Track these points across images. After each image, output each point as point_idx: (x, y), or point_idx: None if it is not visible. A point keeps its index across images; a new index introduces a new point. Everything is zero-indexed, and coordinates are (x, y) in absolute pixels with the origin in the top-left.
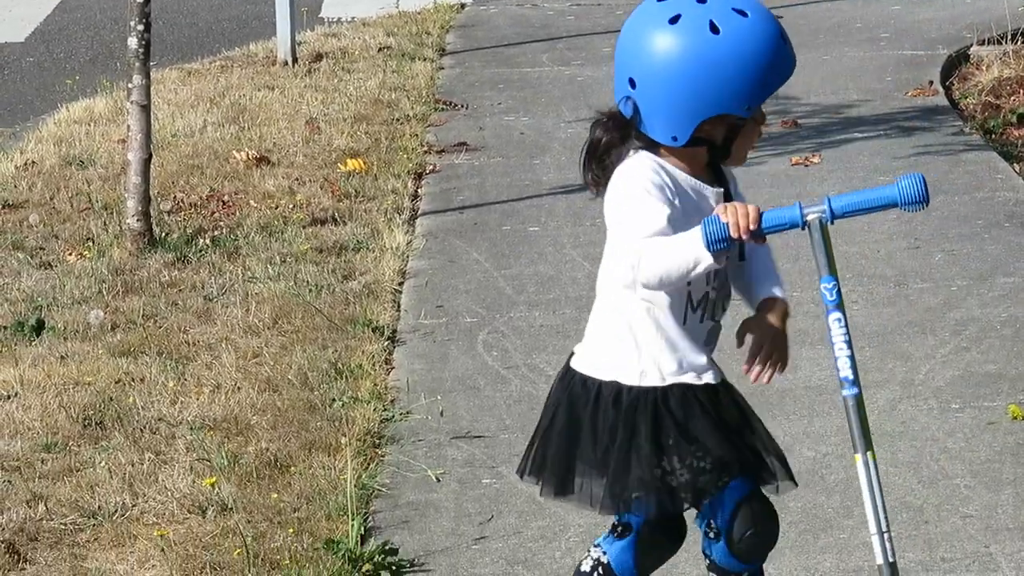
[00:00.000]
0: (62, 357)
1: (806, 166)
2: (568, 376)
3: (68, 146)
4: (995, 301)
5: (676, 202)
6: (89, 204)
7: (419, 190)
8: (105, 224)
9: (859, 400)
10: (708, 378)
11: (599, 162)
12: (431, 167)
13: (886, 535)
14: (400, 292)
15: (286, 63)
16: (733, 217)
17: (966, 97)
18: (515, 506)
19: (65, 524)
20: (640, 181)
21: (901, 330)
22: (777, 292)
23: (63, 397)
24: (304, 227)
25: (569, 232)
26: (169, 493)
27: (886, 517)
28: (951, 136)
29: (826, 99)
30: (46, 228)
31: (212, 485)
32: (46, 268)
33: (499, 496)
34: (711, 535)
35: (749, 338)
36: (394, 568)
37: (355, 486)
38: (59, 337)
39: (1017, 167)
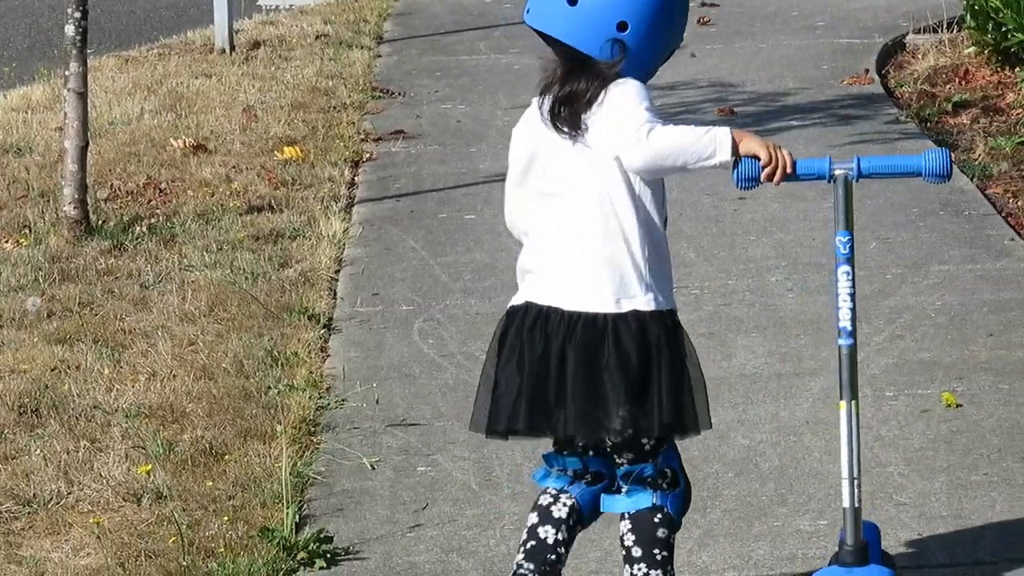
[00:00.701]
0: None
1: None
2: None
3: (5, 133)
4: (929, 289)
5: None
6: (26, 192)
7: (356, 178)
8: (42, 212)
9: (852, 351)
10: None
11: (573, 111)
12: (368, 155)
13: (856, 481)
14: (336, 280)
15: (223, 51)
16: (771, 160)
17: (902, 85)
18: (450, 494)
19: (0, 512)
20: (646, 91)
21: (835, 318)
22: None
23: None
24: (241, 215)
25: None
26: (104, 481)
27: (859, 465)
28: (887, 124)
29: (762, 87)
30: None
31: (147, 473)
32: None
33: (434, 484)
34: (664, 484)
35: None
36: (329, 556)
37: (290, 474)
38: None
39: (952, 155)
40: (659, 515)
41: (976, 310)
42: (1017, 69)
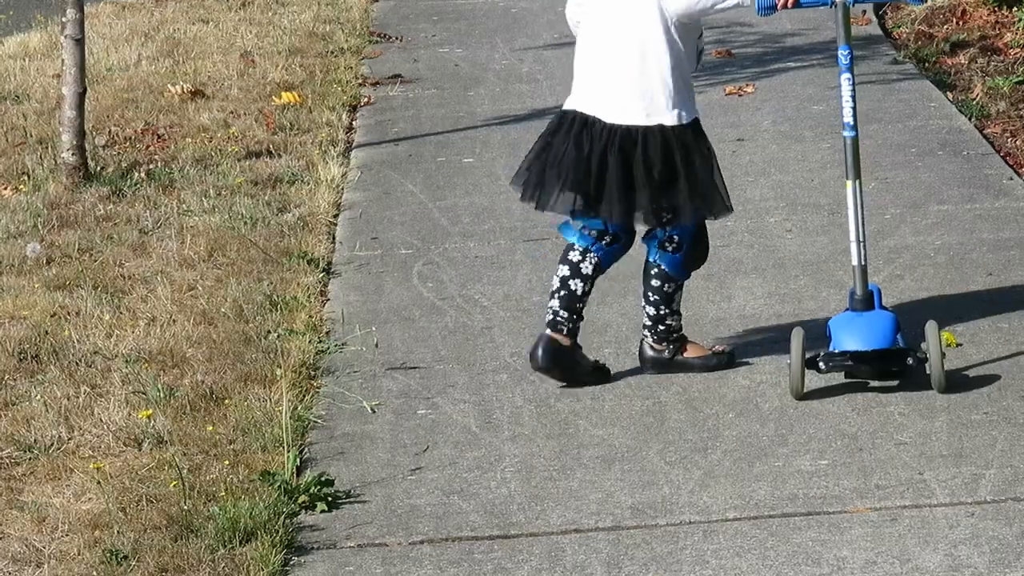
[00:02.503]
0: None
1: (740, 96)
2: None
3: (2, 81)
4: (928, 229)
5: None
6: (24, 139)
7: (354, 122)
8: (40, 158)
9: (855, 141)
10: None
11: None
12: (365, 99)
13: (862, 243)
14: (335, 224)
15: None
16: None
17: (899, 26)
18: (450, 437)
19: (1, 457)
20: None
21: (835, 258)
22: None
23: None
24: (239, 160)
25: (504, 163)
26: (105, 426)
27: (864, 229)
28: (885, 65)
29: (760, 29)
30: None
31: (148, 418)
32: None
33: (434, 427)
34: (669, 248)
35: None
36: (330, 499)
37: (290, 418)
38: None
39: (950, 95)
40: (655, 270)
41: (975, 249)
42: (1014, 9)
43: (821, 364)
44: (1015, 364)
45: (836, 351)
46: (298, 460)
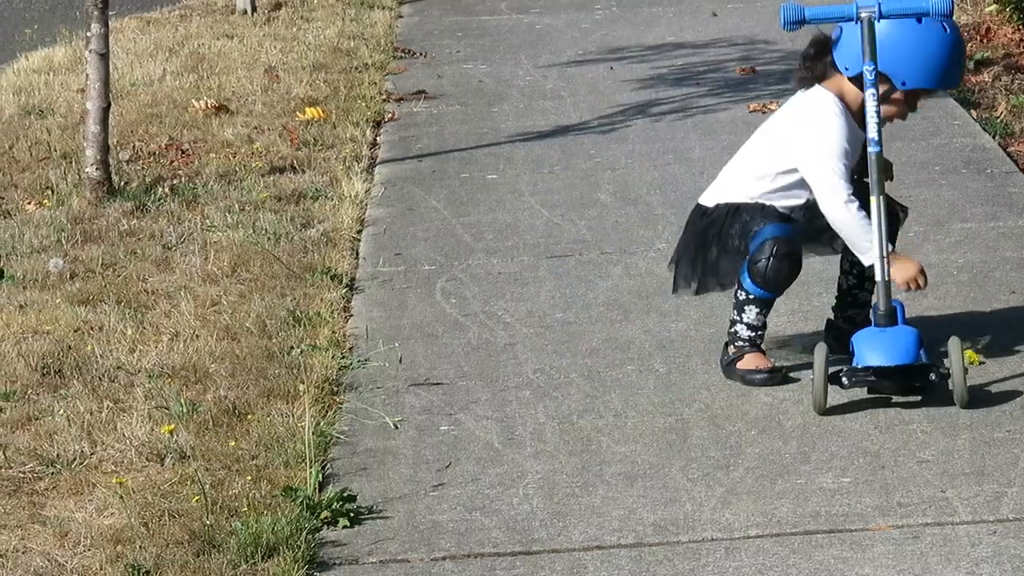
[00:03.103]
0: (21, 306)
1: (764, 113)
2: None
3: (27, 95)
4: (952, 247)
5: (853, 147)
6: (48, 153)
7: (377, 138)
8: (64, 173)
9: (879, 157)
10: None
11: (804, 62)
12: (389, 115)
13: (886, 260)
14: (358, 240)
15: (245, 12)
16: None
17: None
18: (473, 453)
19: (24, 472)
20: (835, 124)
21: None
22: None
23: (22, 346)
24: (263, 175)
25: (527, 179)
26: (127, 441)
27: (886, 245)
28: None
29: (784, 46)
30: (5, 177)
31: (170, 433)
32: (5, 217)
33: (457, 443)
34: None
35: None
36: (352, 515)
37: (313, 433)
38: (18, 286)
39: (974, 113)
40: (736, 280)
41: (998, 268)
42: None
43: (844, 379)
44: None
45: (859, 366)
46: (320, 476)
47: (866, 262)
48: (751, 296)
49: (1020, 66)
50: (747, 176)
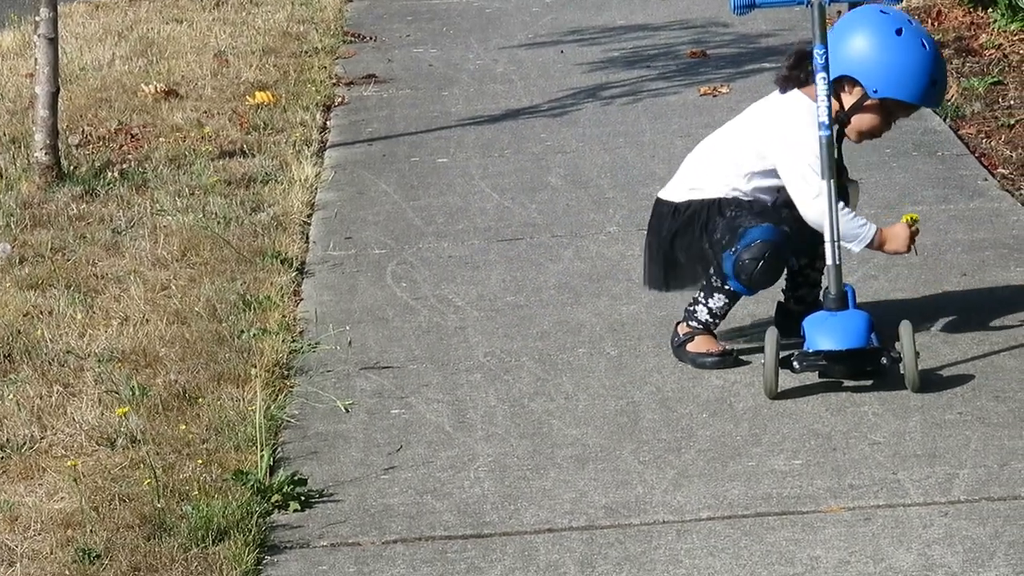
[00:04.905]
0: None
1: (714, 96)
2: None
3: None
4: None
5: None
6: None
7: (328, 122)
8: (13, 158)
9: (829, 140)
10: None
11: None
12: (340, 99)
13: (837, 244)
14: (309, 224)
15: None
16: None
17: None
18: (424, 436)
19: None
20: (808, 137)
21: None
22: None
23: None
24: (212, 160)
25: (478, 163)
26: (78, 425)
27: (838, 229)
28: None
29: (735, 29)
30: None
31: (123, 415)
32: None
33: (408, 426)
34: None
35: None
36: (303, 498)
37: (264, 417)
38: None
39: None
40: (715, 266)
41: (949, 250)
42: (989, 10)
43: (795, 363)
44: (989, 364)
45: (810, 350)
46: (271, 459)
47: (856, 249)
48: (726, 287)
49: (971, 49)
50: (721, 172)
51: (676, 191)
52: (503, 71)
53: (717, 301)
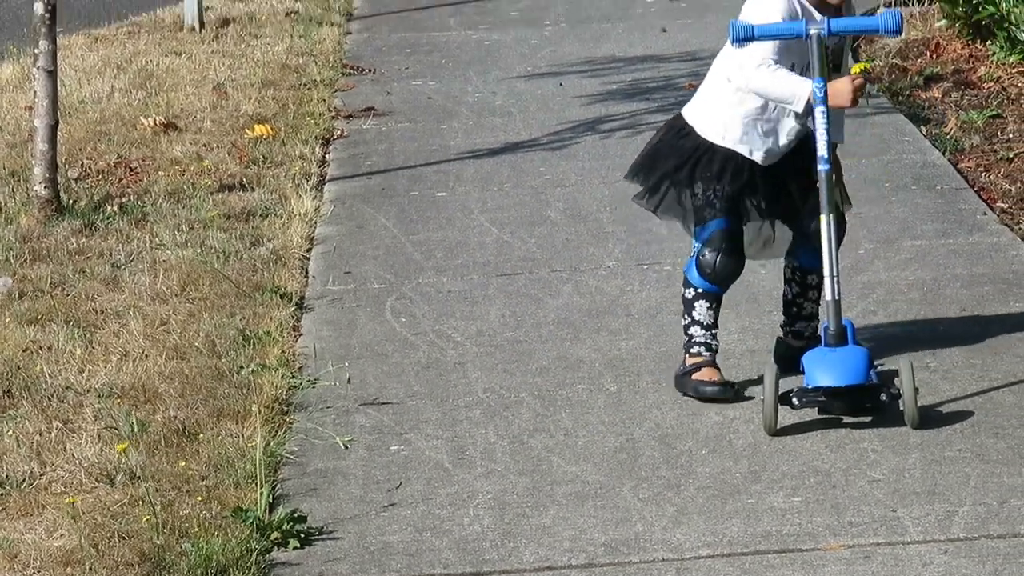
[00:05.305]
0: None
1: None
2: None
3: None
4: (902, 264)
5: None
6: None
7: (327, 155)
8: (12, 191)
9: (828, 175)
10: (756, 157)
11: None
12: (339, 132)
13: (836, 279)
14: (308, 258)
15: (193, 28)
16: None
17: (873, 59)
18: (423, 473)
19: None
20: (769, 5)
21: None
22: (837, 138)
23: None
24: (212, 193)
25: (477, 197)
26: (77, 462)
27: (837, 264)
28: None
29: None
30: None
31: (122, 451)
32: None
33: (407, 463)
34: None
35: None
36: (302, 536)
37: (263, 454)
38: None
39: (924, 130)
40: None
41: (949, 285)
42: (988, 42)
43: (794, 400)
44: (988, 400)
45: (809, 387)
46: (271, 496)
47: (798, 108)
48: (699, 290)
49: (970, 82)
50: (711, 87)
51: (689, 108)
52: (502, 104)
53: (700, 309)
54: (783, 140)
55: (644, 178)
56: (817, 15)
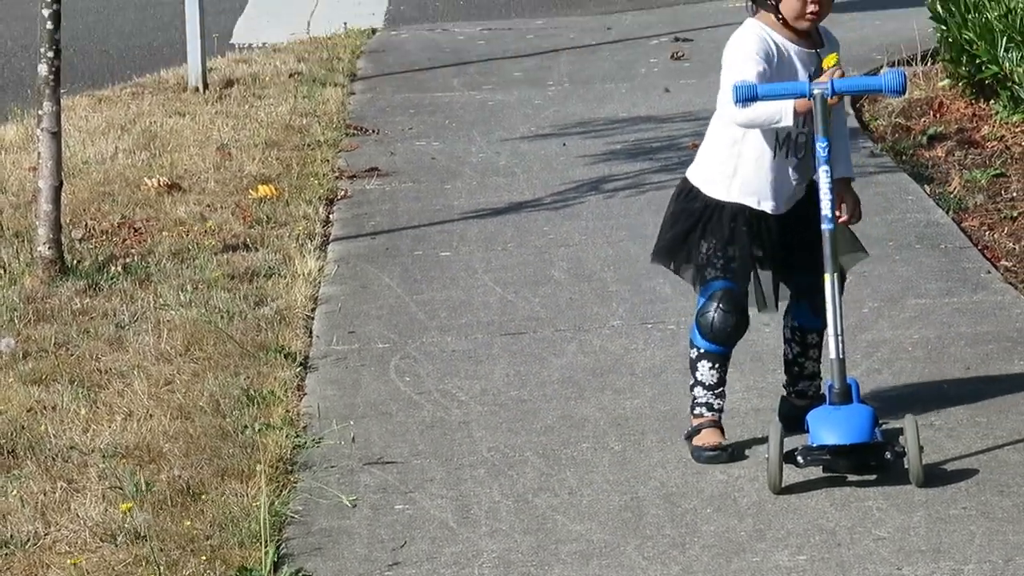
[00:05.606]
0: None
1: None
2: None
3: None
4: (906, 323)
5: (773, 60)
6: (0, 232)
7: (331, 216)
8: (16, 252)
9: (832, 234)
10: (766, 207)
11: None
12: (342, 192)
13: (840, 337)
14: (312, 318)
15: (197, 89)
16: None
17: (877, 119)
18: (428, 532)
19: None
20: (744, 45)
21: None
22: (848, 173)
23: None
24: (216, 254)
25: (481, 257)
26: (82, 522)
27: (842, 323)
28: (862, 158)
29: None
30: None
31: (127, 511)
32: None
33: (412, 522)
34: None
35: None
36: None
37: (268, 513)
38: None
39: (928, 188)
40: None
41: (953, 343)
42: (991, 102)
43: (799, 458)
44: (993, 458)
45: (814, 445)
46: (275, 556)
47: (787, 123)
48: (702, 351)
49: (973, 141)
50: (709, 144)
51: (692, 168)
52: (506, 164)
53: (702, 370)
54: (790, 182)
55: (666, 257)
56: (792, 46)
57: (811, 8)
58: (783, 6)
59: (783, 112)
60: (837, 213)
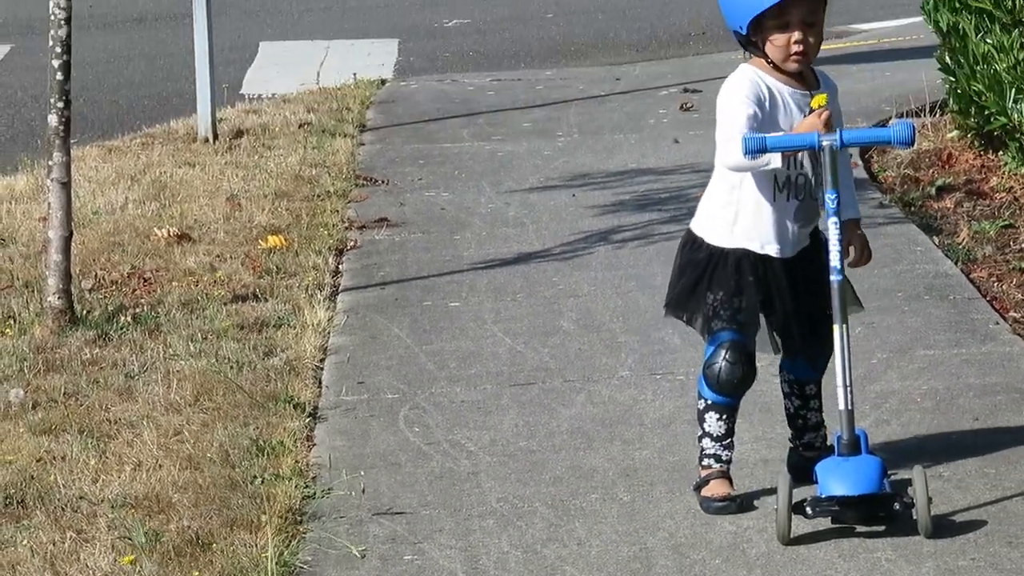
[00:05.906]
0: None
1: None
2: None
3: None
4: (915, 374)
5: (765, 103)
6: (10, 282)
7: (340, 266)
8: (26, 302)
9: (841, 285)
10: (771, 251)
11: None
12: (352, 243)
13: (849, 388)
14: (321, 368)
15: (207, 140)
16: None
17: (885, 170)
18: None
19: None
20: (735, 89)
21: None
22: (855, 215)
23: None
24: (225, 304)
25: (490, 307)
26: (91, 572)
27: (850, 374)
28: (871, 209)
29: None
30: None
31: (131, 563)
32: None
33: (421, 572)
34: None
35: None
36: None
37: (277, 564)
38: None
39: (936, 240)
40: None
41: (962, 395)
42: (1000, 153)
43: (808, 509)
44: (1002, 509)
45: (823, 496)
46: None
47: (776, 164)
48: (709, 402)
49: (982, 192)
50: (709, 193)
51: (695, 219)
52: (515, 215)
53: (710, 421)
54: (793, 224)
55: (678, 309)
56: (786, 88)
57: (795, 49)
58: (769, 50)
59: (770, 154)
60: (847, 259)
